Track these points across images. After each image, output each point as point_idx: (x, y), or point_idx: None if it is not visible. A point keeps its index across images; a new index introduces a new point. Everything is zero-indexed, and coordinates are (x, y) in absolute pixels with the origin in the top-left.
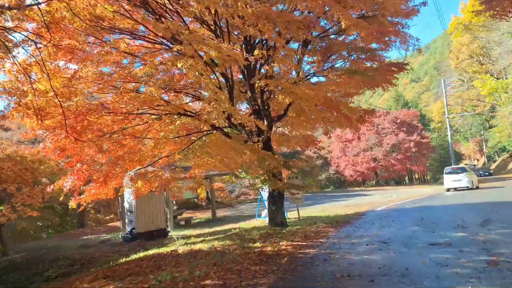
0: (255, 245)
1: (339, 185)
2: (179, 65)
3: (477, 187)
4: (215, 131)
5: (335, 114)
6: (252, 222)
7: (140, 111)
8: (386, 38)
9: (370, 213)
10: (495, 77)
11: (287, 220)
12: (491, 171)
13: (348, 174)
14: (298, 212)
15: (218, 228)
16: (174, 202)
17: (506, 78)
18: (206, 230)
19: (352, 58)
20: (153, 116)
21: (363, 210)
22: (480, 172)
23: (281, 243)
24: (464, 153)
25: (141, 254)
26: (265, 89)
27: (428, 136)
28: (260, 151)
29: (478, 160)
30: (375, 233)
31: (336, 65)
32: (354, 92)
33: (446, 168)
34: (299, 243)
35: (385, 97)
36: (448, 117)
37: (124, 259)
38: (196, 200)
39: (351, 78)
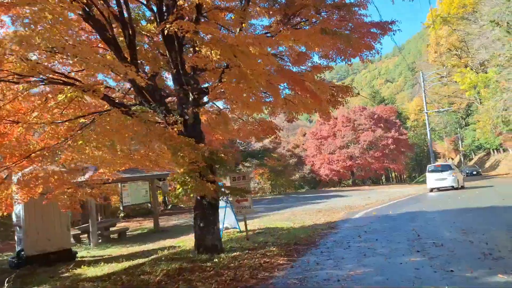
0: None
1: (314, 185)
2: None
3: (463, 187)
4: (113, 108)
5: (299, 93)
6: None
7: None
8: None
9: (345, 224)
10: (474, 71)
11: (239, 234)
12: (480, 170)
13: (324, 173)
14: (246, 226)
15: (150, 246)
16: (122, 209)
17: (486, 72)
18: (135, 248)
19: (322, 18)
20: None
21: (336, 218)
22: (467, 171)
23: None
24: (439, 151)
25: None
26: (182, 39)
27: (406, 133)
28: (176, 137)
29: (453, 158)
30: (351, 273)
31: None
32: (324, 67)
33: (429, 166)
34: None
35: (362, 93)
36: (427, 112)
37: None
38: (149, 205)
39: (317, 34)
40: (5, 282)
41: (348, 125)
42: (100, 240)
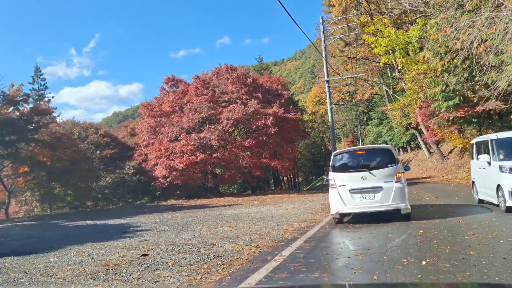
0: None
1: (149, 194)
2: None
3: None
4: None
5: None
6: None
7: None
8: None
9: None
10: (392, 28)
11: None
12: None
13: (160, 174)
14: None
15: None
16: None
17: (407, 32)
18: None
19: None
20: None
21: None
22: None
23: None
24: None
25: None
26: None
27: (298, 113)
28: None
29: None
30: None
31: None
32: None
33: (335, 153)
34: None
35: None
36: (328, 81)
37: None
38: None
39: None
40: None
41: (205, 93)
42: None
